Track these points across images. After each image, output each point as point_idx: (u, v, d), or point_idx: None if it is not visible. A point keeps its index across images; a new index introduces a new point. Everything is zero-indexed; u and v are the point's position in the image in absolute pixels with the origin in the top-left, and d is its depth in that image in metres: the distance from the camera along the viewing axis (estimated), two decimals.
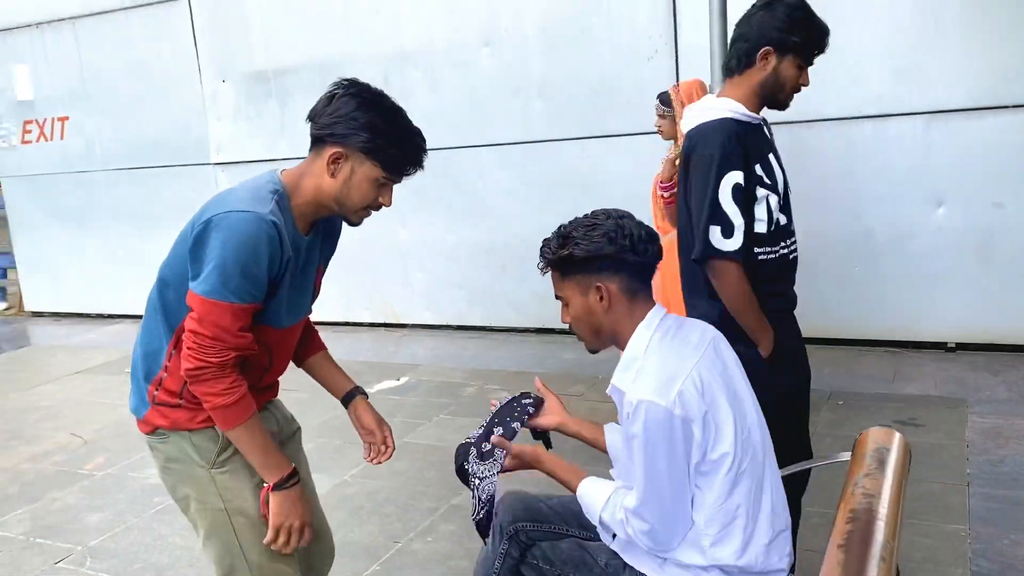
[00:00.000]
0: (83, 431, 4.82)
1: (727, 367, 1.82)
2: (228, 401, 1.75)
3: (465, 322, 6.47)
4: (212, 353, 1.71)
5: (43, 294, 8.32)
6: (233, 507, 1.86)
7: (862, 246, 5.08)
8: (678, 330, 1.81)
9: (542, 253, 1.84)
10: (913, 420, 4.04)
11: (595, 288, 1.79)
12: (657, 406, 1.64)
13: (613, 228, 1.77)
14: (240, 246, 1.69)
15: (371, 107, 1.78)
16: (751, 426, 1.77)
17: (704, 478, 1.70)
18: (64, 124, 7.72)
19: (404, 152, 1.82)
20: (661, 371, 1.70)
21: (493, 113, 5.97)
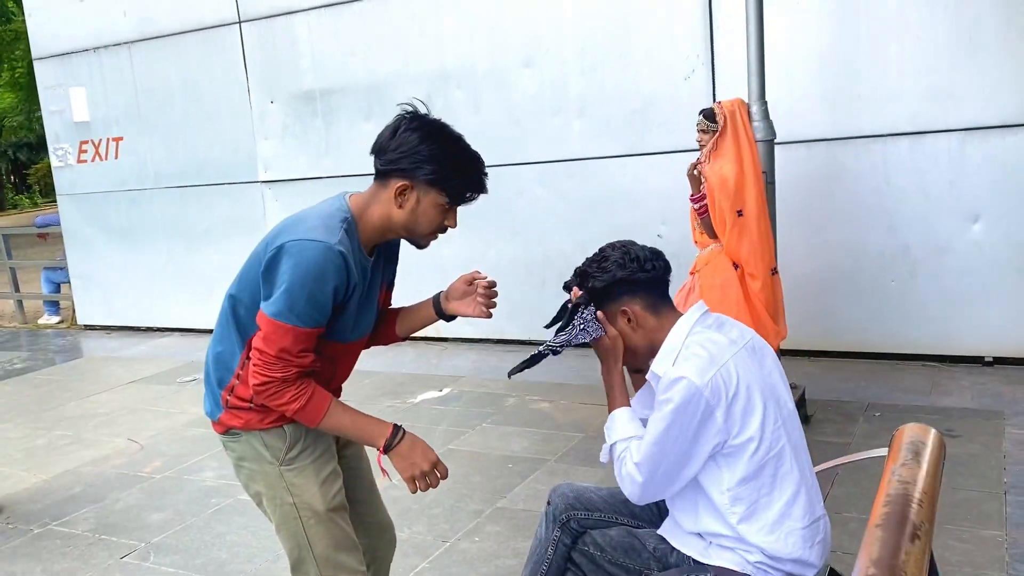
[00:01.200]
0: (139, 437, 5.01)
1: (763, 364, 1.92)
2: (299, 406, 1.87)
3: (505, 336, 6.60)
4: (276, 370, 1.84)
5: (95, 308, 8.60)
6: (301, 502, 1.98)
7: (900, 261, 5.14)
8: (719, 327, 1.93)
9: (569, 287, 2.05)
10: (950, 431, 4.09)
11: (621, 312, 1.95)
12: (691, 383, 1.78)
13: (620, 256, 1.96)
14: (308, 274, 1.80)
15: (434, 140, 1.88)
16: (785, 419, 1.88)
17: (728, 459, 1.81)
18: (118, 144, 8.03)
19: (467, 180, 1.94)
20: (701, 355, 1.83)
21: (533, 132, 6.13)
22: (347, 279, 1.86)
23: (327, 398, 1.92)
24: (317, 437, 2.03)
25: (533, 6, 5.93)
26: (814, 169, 5.21)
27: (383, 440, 1.94)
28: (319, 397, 1.90)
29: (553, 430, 4.62)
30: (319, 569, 2.00)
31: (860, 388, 4.85)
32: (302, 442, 1.99)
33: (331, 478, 2.02)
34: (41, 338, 8.60)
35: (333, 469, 2.04)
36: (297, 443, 1.99)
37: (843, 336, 5.36)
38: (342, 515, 2.03)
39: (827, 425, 4.33)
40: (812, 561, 1.85)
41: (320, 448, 2.03)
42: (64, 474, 4.53)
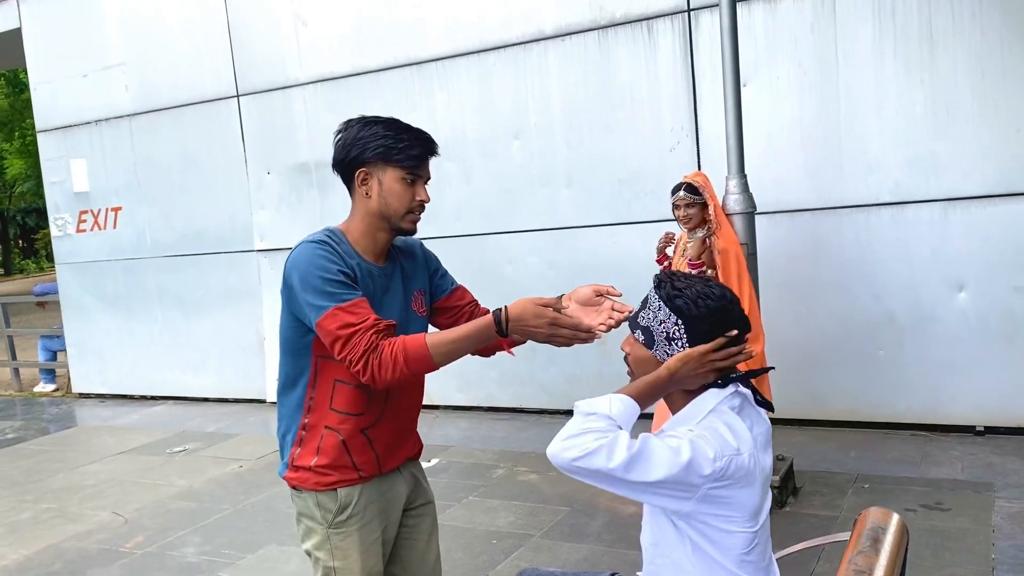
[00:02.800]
0: (125, 510, 4.97)
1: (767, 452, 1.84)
2: (403, 355, 1.88)
3: (496, 403, 6.59)
4: (358, 348, 1.89)
5: (90, 376, 8.61)
6: (341, 566, 2.05)
7: (886, 329, 5.14)
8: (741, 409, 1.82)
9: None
10: (939, 504, 4.04)
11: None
12: (702, 449, 1.65)
13: (720, 308, 1.80)
14: (306, 266, 1.95)
15: (368, 124, 2.04)
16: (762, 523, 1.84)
17: (722, 525, 1.71)
18: (117, 214, 8.14)
19: (412, 143, 2.02)
20: (723, 435, 1.71)
21: (523, 201, 6.21)
22: (342, 260, 1.97)
23: (419, 340, 1.92)
24: (370, 501, 2.08)
25: (520, 80, 6.07)
26: (798, 238, 5.25)
27: (494, 330, 1.95)
28: (412, 345, 1.90)
29: (540, 504, 4.57)
30: None
31: (849, 459, 4.80)
32: (352, 507, 2.06)
33: (375, 546, 2.09)
34: (36, 407, 8.59)
35: (378, 537, 2.10)
36: (347, 507, 2.05)
37: (832, 405, 5.33)
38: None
39: (815, 498, 4.28)
40: None
41: (370, 514, 2.08)
42: (46, 550, 4.48)
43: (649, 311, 1.85)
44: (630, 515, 4.26)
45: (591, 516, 4.30)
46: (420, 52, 6.42)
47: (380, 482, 2.11)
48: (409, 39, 6.45)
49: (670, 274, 1.89)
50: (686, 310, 1.80)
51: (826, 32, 5.09)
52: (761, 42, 5.24)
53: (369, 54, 6.63)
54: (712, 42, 5.24)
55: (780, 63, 5.22)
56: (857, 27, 5.01)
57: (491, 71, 6.18)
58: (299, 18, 6.89)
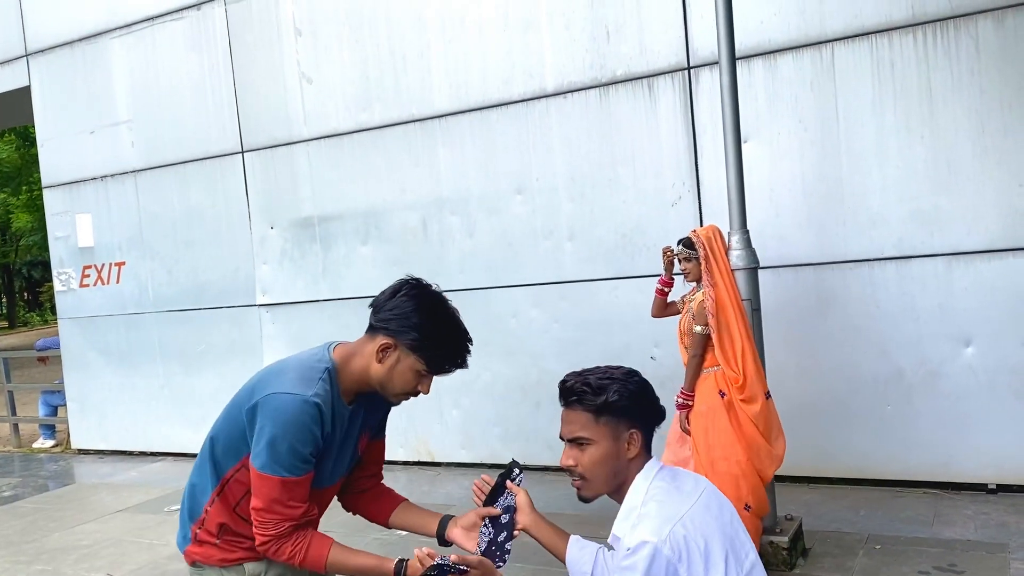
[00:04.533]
0: (119, 571, 4.87)
1: (721, 515, 1.87)
2: (301, 557, 1.95)
3: (500, 460, 6.49)
4: (270, 527, 1.90)
5: (90, 431, 8.54)
6: None
7: (894, 385, 5.08)
8: (673, 479, 1.90)
9: (576, 392, 1.90)
10: (953, 567, 3.94)
11: (628, 434, 1.88)
12: (648, 543, 1.73)
13: (644, 381, 1.93)
14: (286, 426, 1.88)
15: (426, 311, 1.99)
16: (751, 568, 1.82)
17: None
18: (120, 269, 8.16)
19: (448, 355, 2.02)
20: (658, 516, 1.78)
21: (526, 254, 6.21)
22: (322, 429, 1.93)
23: (326, 544, 1.97)
24: (278, 575, 2.05)
25: (523, 136, 6.11)
26: (802, 293, 5.23)
27: (390, 569, 1.96)
28: (317, 545, 1.96)
29: (542, 565, 4.46)
30: None
31: (860, 518, 4.70)
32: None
33: None
34: (34, 463, 8.50)
35: None
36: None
37: (840, 462, 5.25)
38: None
39: (826, 559, 4.18)
40: None
41: None
42: None
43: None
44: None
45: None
46: (423, 109, 6.48)
47: None
48: (412, 96, 6.52)
49: (582, 372, 1.96)
50: (624, 390, 1.88)
51: (826, 89, 5.13)
52: (761, 99, 5.29)
53: (373, 110, 6.70)
54: (712, 99, 5.28)
55: (780, 120, 5.25)
56: (857, 84, 5.06)
57: (494, 127, 6.23)
58: (304, 76, 6.98)
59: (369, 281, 6.79)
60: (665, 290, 4.54)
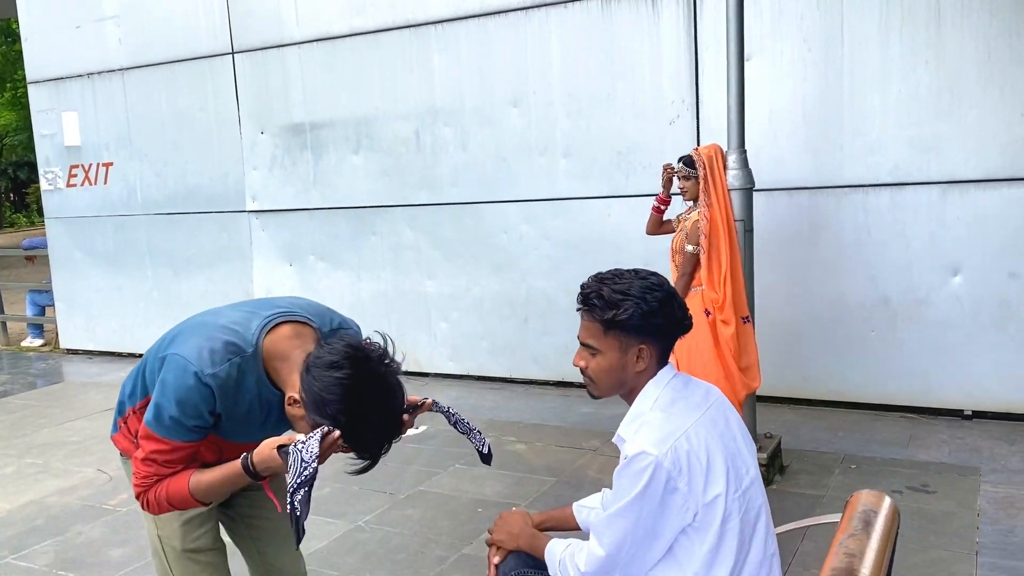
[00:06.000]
0: (109, 467, 4.95)
1: (728, 425, 1.90)
2: (165, 495, 1.82)
3: (487, 373, 6.57)
4: (141, 477, 1.82)
5: (78, 332, 8.56)
6: (164, 535, 2.02)
7: (880, 312, 5.13)
8: (684, 388, 1.90)
9: (588, 303, 1.86)
10: (925, 487, 4.05)
11: (637, 349, 1.86)
12: (648, 455, 1.74)
13: (667, 297, 1.85)
14: (175, 395, 1.78)
15: (350, 412, 1.70)
16: (749, 484, 1.85)
17: (697, 531, 1.77)
18: (108, 169, 8.03)
19: (356, 445, 1.77)
20: (662, 427, 1.79)
21: (520, 170, 6.15)
22: (217, 405, 1.81)
23: (183, 479, 1.82)
24: None
25: (521, 48, 5.97)
26: (796, 217, 5.22)
27: (244, 474, 1.79)
28: (175, 486, 1.82)
29: (526, 473, 4.56)
30: None
31: (838, 438, 4.81)
32: None
33: (196, 520, 2.03)
34: (23, 361, 8.54)
35: (201, 513, 2.04)
36: None
37: (822, 385, 5.33)
38: (206, 556, 2.04)
39: (802, 476, 4.28)
40: None
41: None
42: (28, 504, 4.46)
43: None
44: None
45: (577, 488, 4.30)
46: (419, 14, 6.31)
47: None
48: (408, 0, 6.34)
49: (602, 277, 1.90)
50: (637, 309, 1.82)
51: (832, 9, 5.01)
52: (767, 17, 5.16)
53: (367, 14, 6.51)
54: (717, 15, 5.16)
55: (785, 38, 5.14)
56: (864, 5, 4.93)
57: (491, 36, 6.08)
58: None
59: (360, 191, 6.73)
60: (661, 208, 4.52)
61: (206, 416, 1.81)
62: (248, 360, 1.83)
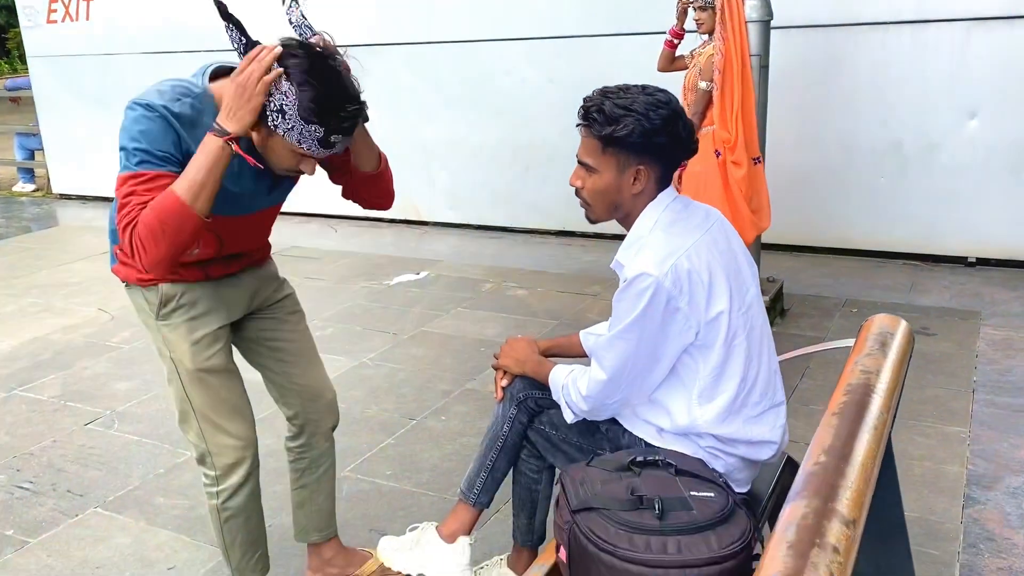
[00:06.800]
0: (110, 307, 4.95)
1: (730, 245, 1.85)
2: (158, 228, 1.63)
3: (487, 222, 6.50)
4: (123, 214, 1.67)
5: (70, 177, 8.41)
6: (176, 357, 1.97)
7: (891, 157, 5.01)
8: (683, 210, 1.83)
9: (588, 117, 1.77)
10: (926, 329, 4.07)
11: (635, 170, 1.77)
12: (648, 275, 1.69)
13: (672, 115, 1.74)
14: (135, 129, 1.68)
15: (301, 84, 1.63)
16: (751, 302, 1.82)
17: (700, 350, 1.75)
18: (89, 4, 7.65)
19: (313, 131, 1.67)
20: (662, 247, 1.73)
21: (521, 5, 5.85)
22: (178, 141, 1.71)
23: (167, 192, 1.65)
24: (197, 298, 1.97)
25: None
26: (810, 56, 5.01)
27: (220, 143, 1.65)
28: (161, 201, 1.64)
29: (528, 316, 4.58)
30: (199, 424, 2.01)
31: (839, 284, 4.81)
32: (175, 301, 1.95)
33: (205, 340, 1.97)
34: (15, 206, 8.43)
35: (210, 332, 1.98)
36: (170, 301, 1.95)
37: (826, 232, 5.28)
38: (218, 378, 2.00)
39: (803, 319, 4.30)
40: (768, 441, 1.82)
41: (199, 309, 1.97)
42: (32, 341, 4.49)
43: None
44: None
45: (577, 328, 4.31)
46: None
47: (209, 285, 1.99)
48: None
49: (606, 91, 1.79)
50: (638, 126, 1.72)
51: None
52: None
53: None
54: None
55: None
56: None
57: None
58: None
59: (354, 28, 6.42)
60: (675, 42, 4.31)
61: (172, 149, 1.71)
62: (199, 98, 1.74)
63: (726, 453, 1.78)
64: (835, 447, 1.36)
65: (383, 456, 3.14)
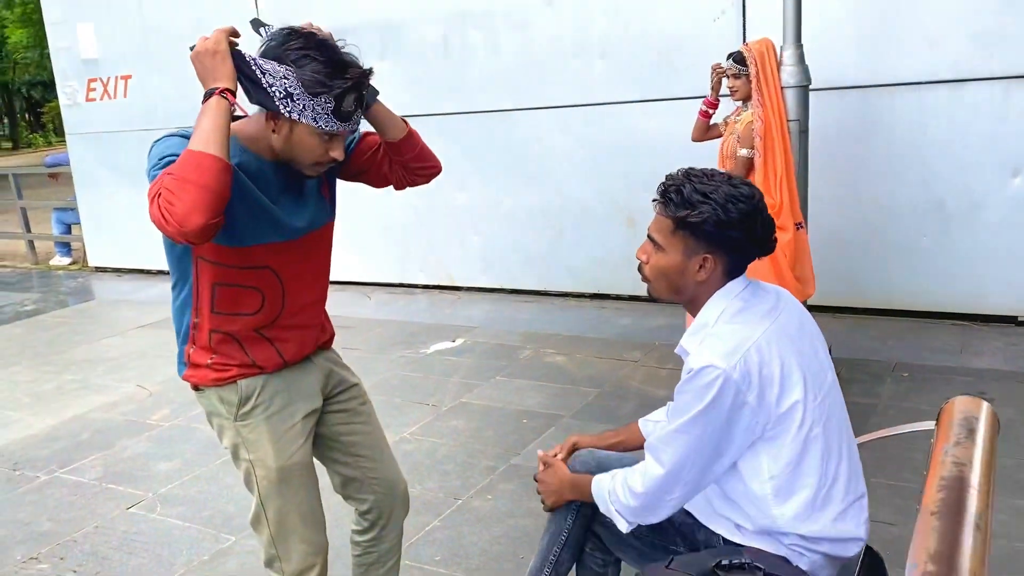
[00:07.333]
0: (148, 383, 4.94)
1: (802, 329, 1.78)
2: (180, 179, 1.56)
3: (520, 286, 6.47)
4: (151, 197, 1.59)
5: (106, 250, 8.52)
6: (256, 458, 1.92)
7: (933, 217, 4.94)
8: (752, 296, 1.76)
9: (666, 195, 1.72)
10: (983, 393, 3.93)
11: (702, 258, 1.72)
12: (714, 368, 1.61)
13: (752, 212, 1.69)
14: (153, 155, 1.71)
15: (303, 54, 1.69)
16: (827, 390, 1.74)
17: (771, 443, 1.66)
18: (127, 82, 7.84)
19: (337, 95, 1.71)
20: (730, 338, 1.66)
21: (553, 74, 5.91)
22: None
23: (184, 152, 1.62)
24: (276, 392, 1.93)
25: None
26: (846, 117, 4.98)
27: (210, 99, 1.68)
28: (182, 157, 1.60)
29: (568, 385, 4.50)
30: (271, 530, 1.94)
31: (887, 347, 4.70)
32: (255, 398, 1.91)
33: (290, 435, 1.93)
34: (52, 279, 8.54)
35: (293, 426, 1.94)
36: (250, 399, 1.91)
37: (870, 293, 5.19)
38: (300, 477, 1.95)
39: (853, 385, 4.19)
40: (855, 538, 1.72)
41: (279, 403, 1.93)
42: (72, 420, 4.47)
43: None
44: (663, 397, 4.18)
45: (622, 398, 4.24)
46: None
47: (286, 373, 1.95)
48: None
49: (690, 173, 1.74)
50: (713, 216, 1.67)
51: None
52: None
53: None
54: None
55: None
56: None
57: None
58: None
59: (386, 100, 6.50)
60: (710, 111, 4.30)
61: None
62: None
63: (810, 551, 1.68)
64: (942, 553, 1.28)
65: (430, 540, 3.06)
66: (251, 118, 1.83)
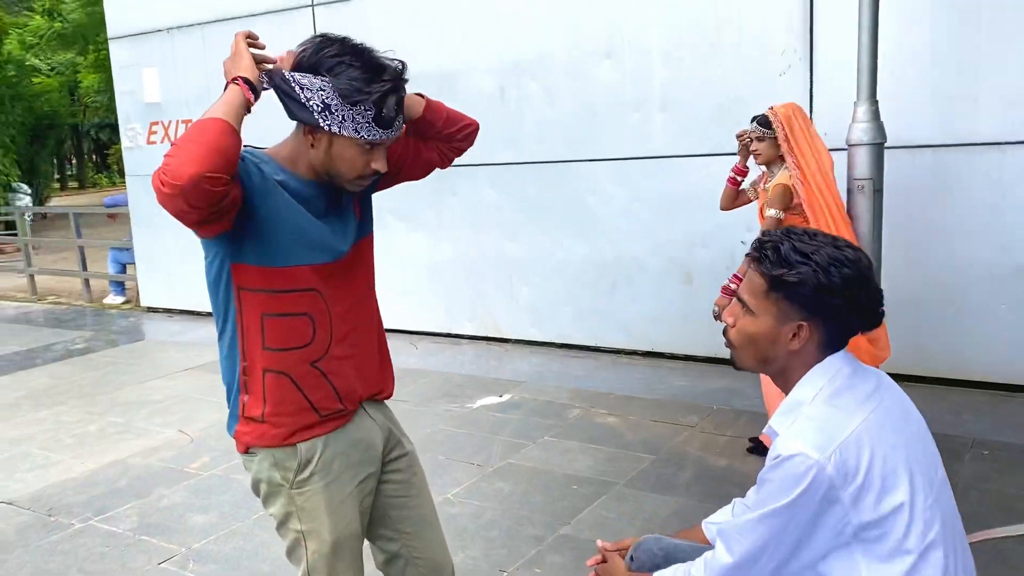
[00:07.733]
0: (190, 428, 4.85)
1: (907, 417, 1.58)
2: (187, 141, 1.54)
3: (570, 340, 6.30)
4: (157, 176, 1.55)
5: (158, 290, 8.57)
6: (308, 529, 1.79)
7: (1012, 283, 4.66)
8: (852, 376, 1.57)
9: (761, 251, 1.57)
10: None
11: (796, 325, 1.55)
12: (807, 458, 1.43)
13: (857, 278, 1.53)
14: None
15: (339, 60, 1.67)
16: (938, 492, 1.53)
17: (869, 547, 1.46)
18: (187, 126, 7.93)
19: (377, 101, 1.66)
20: (824, 426, 1.48)
21: (611, 126, 5.80)
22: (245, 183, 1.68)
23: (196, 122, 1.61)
24: (336, 455, 1.81)
25: None
26: (919, 177, 4.76)
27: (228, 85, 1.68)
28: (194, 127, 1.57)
29: (620, 449, 4.29)
30: None
31: (962, 421, 4.40)
32: (314, 463, 1.79)
33: (345, 504, 1.81)
34: (105, 318, 8.61)
35: (349, 493, 1.82)
36: (309, 464, 1.79)
37: (943, 362, 4.90)
38: (351, 549, 1.83)
39: None
40: None
41: (337, 469, 1.81)
42: (112, 464, 4.39)
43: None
44: (723, 468, 3.95)
45: (679, 466, 4.01)
46: None
47: (347, 431, 1.83)
48: None
49: (791, 231, 1.58)
50: (813, 278, 1.51)
51: None
52: None
53: None
54: None
55: None
56: None
57: None
58: None
59: None
60: (738, 179, 4.08)
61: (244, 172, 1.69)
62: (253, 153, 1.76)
63: None
64: None
65: None
66: (286, 139, 1.79)
